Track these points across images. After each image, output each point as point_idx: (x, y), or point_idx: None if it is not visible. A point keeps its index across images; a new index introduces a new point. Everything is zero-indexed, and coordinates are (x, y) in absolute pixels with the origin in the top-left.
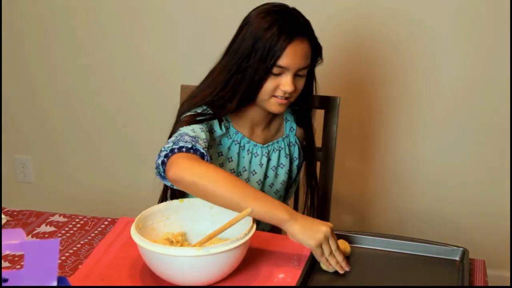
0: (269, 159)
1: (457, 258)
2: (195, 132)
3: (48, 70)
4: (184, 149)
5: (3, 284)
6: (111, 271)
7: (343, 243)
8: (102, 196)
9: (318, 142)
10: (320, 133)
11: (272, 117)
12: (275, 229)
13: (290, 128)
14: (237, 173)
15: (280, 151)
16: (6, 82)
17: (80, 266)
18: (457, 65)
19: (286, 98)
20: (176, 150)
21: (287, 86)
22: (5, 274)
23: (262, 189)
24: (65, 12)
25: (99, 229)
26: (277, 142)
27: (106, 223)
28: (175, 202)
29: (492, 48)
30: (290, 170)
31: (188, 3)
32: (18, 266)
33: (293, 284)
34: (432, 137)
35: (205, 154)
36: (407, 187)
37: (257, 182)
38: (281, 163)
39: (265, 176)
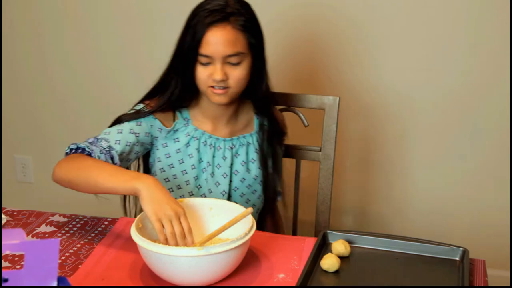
0: (236, 154)
1: (457, 258)
2: (110, 133)
3: (48, 70)
4: (69, 152)
5: (3, 284)
6: (111, 271)
7: (343, 243)
8: (102, 196)
9: (318, 142)
10: (320, 133)
11: (236, 110)
12: (275, 229)
13: (261, 125)
14: (199, 168)
15: (248, 146)
16: (6, 82)
17: (80, 266)
18: (458, 65)
19: (224, 88)
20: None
21: (216, 74)
22: (5, 274)
23: (231, 183)
24: (64, 13)
25: (99, 229)
26: (244, 137)
27: (106, 223)
28: None
29: (493, 48)
30: (265, 167)
31: (188, 3)
32: (18, 266)
33: (293, 284)
34: (432, 137)
35: (91, 150)
36: (407, 187)
37: (222, 175)
38: (252, 158)
39: (234, 170)
